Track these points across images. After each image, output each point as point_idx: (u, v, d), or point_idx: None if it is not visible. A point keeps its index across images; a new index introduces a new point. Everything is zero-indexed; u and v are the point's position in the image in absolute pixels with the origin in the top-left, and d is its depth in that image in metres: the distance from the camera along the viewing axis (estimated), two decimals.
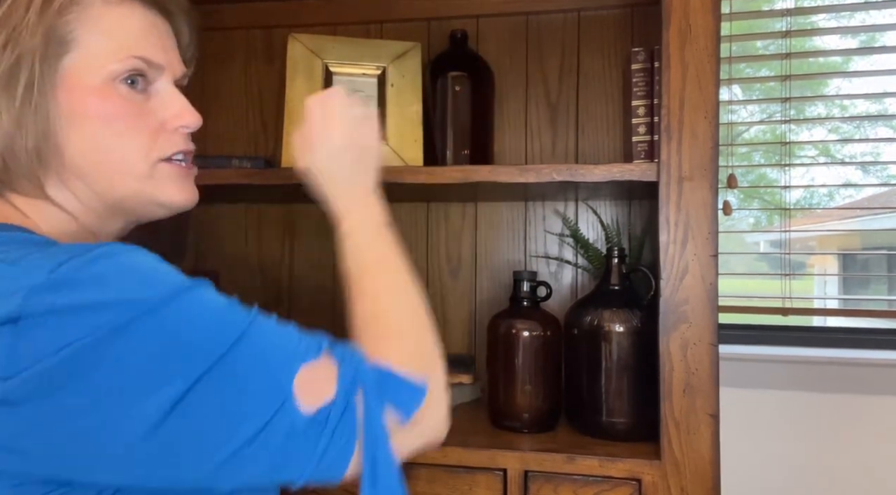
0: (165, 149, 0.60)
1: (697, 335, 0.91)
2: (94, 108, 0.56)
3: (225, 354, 0.48)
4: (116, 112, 0.57)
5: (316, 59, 1.25)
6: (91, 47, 0.56)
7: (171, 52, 0.62)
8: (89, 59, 0.56)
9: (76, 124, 0.55)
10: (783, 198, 1.52)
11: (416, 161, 1.22)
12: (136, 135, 0.58)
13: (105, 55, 0.56)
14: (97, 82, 0.56)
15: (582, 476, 0.95)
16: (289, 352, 0.51)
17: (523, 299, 1.10)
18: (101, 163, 0.57)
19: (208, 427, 0.46)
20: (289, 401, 0.49)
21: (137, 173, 0.58)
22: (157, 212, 0.63)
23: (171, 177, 0.61)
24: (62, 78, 0.55)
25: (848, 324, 1.59)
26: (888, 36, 1.60)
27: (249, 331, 0.50)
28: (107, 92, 0.56)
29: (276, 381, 0.49)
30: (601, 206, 1.31)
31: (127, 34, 0.57)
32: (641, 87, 1.08)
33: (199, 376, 0.46)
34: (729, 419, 1.40)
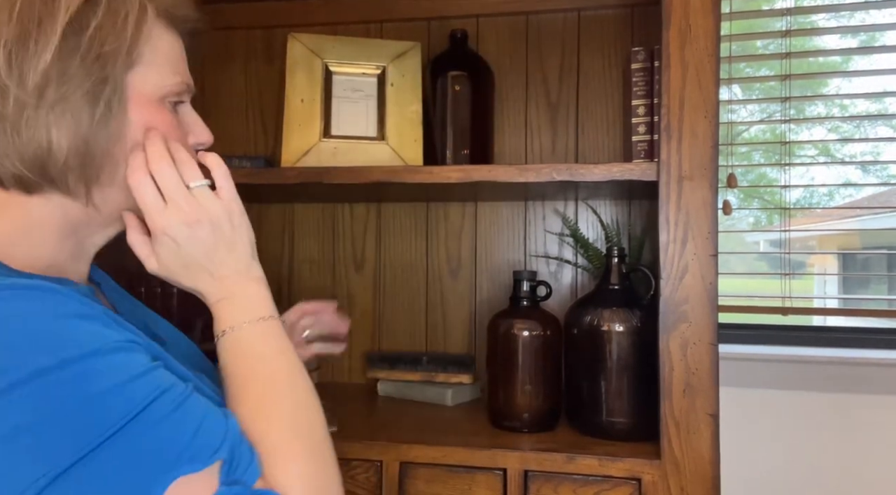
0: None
1: (697, 335, 0.91)
2: (151, 122, 0.59)
3: (97, 448, 0.45)
4: (167, 127, 0.60)
5: (316, 59, 1.25)
6: (154, 67, 0.59)
7: (189, 77, 0.66)
8: (152, 78, 0.59)
9: (131, 137, 0.58)
10: (783, 197, 1.52)
11: (416, 161, 1.22)
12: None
13: (164, 75, 0.60)
14: (155, 99, 0.59)
15: (582, 475, 0.95)
16: (172, 456, 0.47)
17: (523, 299, 1.10)
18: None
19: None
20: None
21: None
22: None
23: None
24: (129, 92, 0.57)
25: (848, 323, 1.59)
26: (888, 35, 1.60)
27: (138, 419, 0.46)
28: (160, 108, 0.60)
29: (144, 489, 0.45)
30: (601, 206, 1.32)
31: (175, 58, 0.61)
32: (641, 86, 1.08)
33: (65, 468, 0.43)
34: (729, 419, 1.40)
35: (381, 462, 1.00)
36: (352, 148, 1.22)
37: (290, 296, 1.44)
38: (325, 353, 0.92)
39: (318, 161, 1.19)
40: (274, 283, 1.45)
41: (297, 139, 1.21)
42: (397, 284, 1.40)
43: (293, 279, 1.44)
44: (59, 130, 0.54)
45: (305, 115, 1.22)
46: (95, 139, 0.55)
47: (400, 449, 0.98)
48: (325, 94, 1.24)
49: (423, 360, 1.27)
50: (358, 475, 1.01)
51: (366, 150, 1.22)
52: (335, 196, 1.30)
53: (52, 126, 0.53)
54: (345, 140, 1.22)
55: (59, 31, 0.53)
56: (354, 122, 1.24)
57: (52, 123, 0.53)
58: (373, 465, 1.00)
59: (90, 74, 0.54)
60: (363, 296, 1.41)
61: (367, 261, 1.42)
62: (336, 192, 1.22)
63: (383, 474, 1.00)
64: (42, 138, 0.53)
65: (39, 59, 0.52)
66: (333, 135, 1.23)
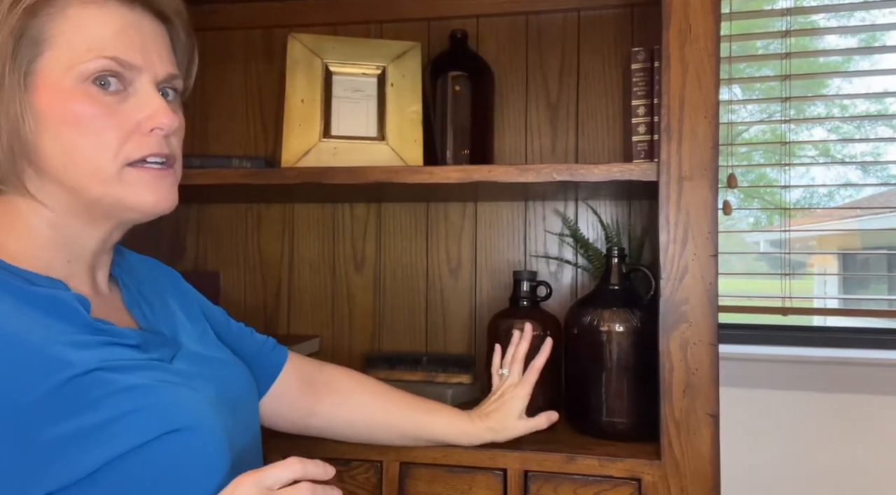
0: (135, 151, 0.58)
1: (697, 335, 0.91)
2: (60, 109, 0.55)
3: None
4: (84, 113, 0.56)
5: (316, 59, 1.25)
6: (62, 48, 0.55)
7: (155, 54, 0.60)
8: (60, 61, 0.55)
9: (46, 124, 0.55)
10: (783, 197, 1.52)
11: (416, 161, 1.22)
12: (102, 137, 0.57)
13: (75, 56, 0.56)
14: (67, 84, 0.56)
15: (582, 476, 0.95)
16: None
17: (523, 299, 1.10)
18: (70, 164, 0.56)
19: None
20: None
21: (103, 176, 0.57)
22: (130, 215, 0.61)
23: (141, 181, 0.59)
24: (34, 79, 0.55)
25: (848, 323, 1.59)
26: (888, 36, 1.60)
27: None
28: (76, 93, 0.56)
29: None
30: (601, 206, 1.31)
31: (98, 34, 0.56)
32: (641, 86, 1.08)
33: None
34: (729, 419, 1.40)
35: (381, 462, 1.00)
36: (352, 148, 1.22)
37: (290, 296, 1.44)
38: None
39: (318, 161, 1.19)
40: (274, 283, 1.45)
41: (297, 139, 1.21)
42: (397, 284, 1.40)
43: (293, 279, 1.44)
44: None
45: (305, 115, 1.22)
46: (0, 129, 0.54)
47: (400, 449, 0.98)
48: (325, 94, 1.24)
49: (423, 360, 1.27)
50: (358, 475, 1.01)
51: (366, 151, 1.22)
52: (335, 196, 1.30)
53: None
54: (345, 140, 1.22)
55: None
56: (354, 123, 1.24)
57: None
58: (373, 465, 1.00)
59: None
60: (363, 296, 1.41)
61: (367, 261, 1.42)
62: (336, 192, 1.22)
63: (383, 474, 1.00)
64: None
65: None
66: (333, 135, 1.23)
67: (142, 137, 0.59)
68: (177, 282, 0.82)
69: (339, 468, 1.02)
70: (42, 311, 0.52)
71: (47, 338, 0.50)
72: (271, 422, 0.87)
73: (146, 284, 0.74)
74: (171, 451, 0.54)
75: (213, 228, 1.47)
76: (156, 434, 0.53)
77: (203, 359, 0.69)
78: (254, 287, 1.45)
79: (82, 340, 0.53)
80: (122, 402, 0.52)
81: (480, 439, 0.92)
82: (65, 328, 0.53)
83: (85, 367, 0.51)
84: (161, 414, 0.54)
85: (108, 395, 0.52)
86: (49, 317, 0.52)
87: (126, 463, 0.51)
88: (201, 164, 1.14)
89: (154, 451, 0.53)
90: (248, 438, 0.71)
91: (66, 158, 0.56)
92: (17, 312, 0.50)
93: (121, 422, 0.51)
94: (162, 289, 0.76)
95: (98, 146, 0.57)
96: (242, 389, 0.74)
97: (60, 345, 0.51)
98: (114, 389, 0.52)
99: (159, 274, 0.80)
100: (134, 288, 0.71)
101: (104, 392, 0.51)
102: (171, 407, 0.56)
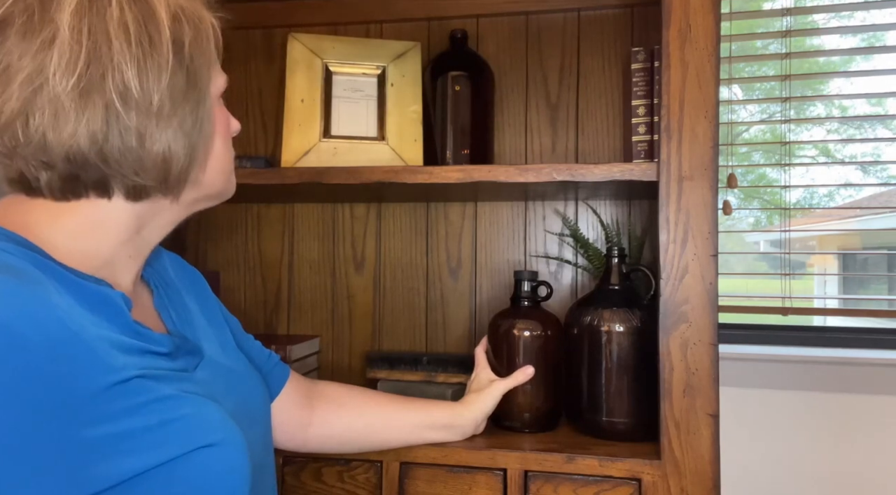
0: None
1: (697, 335, 0.91)
2: (222, 120, 0.66)
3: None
4: (226, 120, 0.68)
5: (316, 59, 1.25)
6: (215, 68, 0.65)
7: None
8: (217, 80, 0.65)
9: (216, 135, 0.65)
10: (783, 197, 1.52)
11: (416, 161, 1.22)
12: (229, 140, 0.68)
13: (218, 75, 0.66)
14: (218, 97, 0.66)
15: (582, 476, 0.95)
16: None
17: (524, 299, 1.10)
18: (223, 166, 0.67)
19: None
20: None
21: (230, 170, 0.69)
22: (212, 203, 0.70)
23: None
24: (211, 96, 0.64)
25: (848, 323, 1.59)
26: (888, 36, 1.60)
27: None
28: (222, 105, 0.67)
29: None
30: (601, 206, 1.32)
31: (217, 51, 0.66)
32: (641, 86, 1.08)
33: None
34: (729, 419, 1.40)
35: (381, 462, 1.00)
36: (352, 148, 1.22)
37: (291, 296, 1.44)
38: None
39: (318, 161, 1.19)
40: (274, 283, 1.46)
41: (297, 139, 1.21)
42: (397, 284, 1.40)
43: (293, 279, 1.44)
44: (175, 141, 0.59)
45: (305, 115, 1.22)
46: (198, 143, 0.62)
47: (400, 449, 0.98)
48: (325, 94, 1.24)
49: (423, 360, 1.27)
50: (358, 475, 1.01)
51: (366, 151, 1.22)
52: (335, 196, 1.30)
53: (170, 138, 0.59)
54: (345, 140, 1.22)
55: (167, 50, 0.57)
56: (354, 122, 1.24)
57: (170, 136, 0.59)
58: (373, 465, 1.00)
59: (191, 88, 0.60)
60: (363, 296, 1.41)
61: (367, 261, 1.42)
62: (336, 192, 1.22)
63: (383, 474, 1.00)
64: (163, 149, 0.58)
65: (160, 78, 0.57)
66: (333, 135, 1.23)
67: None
68: (199, 284, 0.82)
69: (339, 468, 1.02)
70: (89, 308, 0.53)
71: (98, 336, 0.51)
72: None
73: (172, 284, 0.75)
74: (202, 466, 0.54)
75: (213, 228, 1.47)
76: (191, 447, 0.54)
77: (223, 369, 0.70)
78: (254, 287, 1.45)
79: (124, 343, 0.53)
80: (159, 412, 0.53)
81: (471, 410, 0.97)
82: (108, 327, 0.53)
83: (128, 373, 0.51)
84: (196, 427, 0.55)
85: (147, 404, 0.52)
86: (94, 314, 0.53)
87: (158, 474, 0.51)
88: None
89: (186, 465, 0.53)
90: (264, 455, 0.71)
91: (223, 162, 0.66)
92: (72, 309, 0.50)
93: (157, 432, 0.52)
94: (185, 289, 0.77)
95: (230, 147, 0.68)
96: (258, 403, 0.75)
97: (107, 346, 0.51)
98: (151, 398, 0.53)
99: (184, 274, 0.81)
100: (162, 288, 0.72)
101: (143, 400, 0.52)
102: (205, 421, 0.56)
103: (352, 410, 0.91)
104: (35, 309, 0.46)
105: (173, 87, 0.58)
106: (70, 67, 0.53)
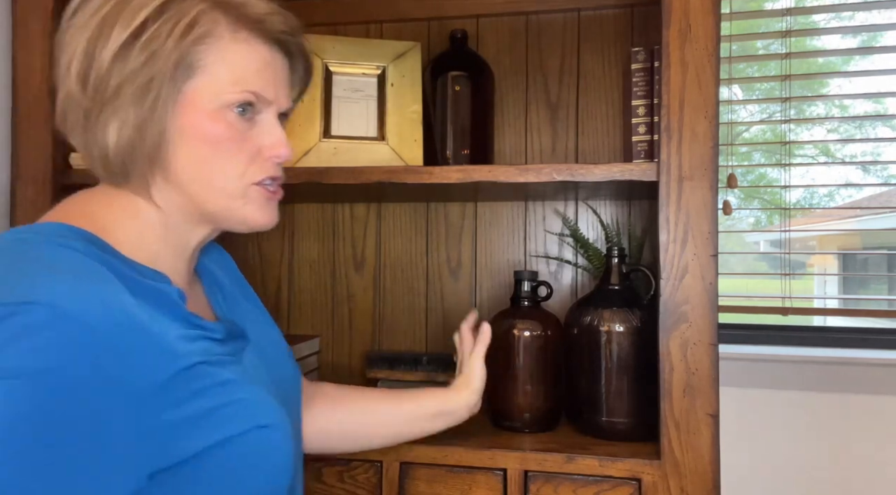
0: (258, 174, 0.66)
1: (697, 335, 0.91)
2: (203, 128, 0.62)
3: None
4: (222, 135, 0.63)
5: (316, 59, 1.25)
6: (213, 76, 0.62)
7: (282, 89, 0.67)
8: (210, 86, 0.62)
9: (186, 140, 0.62)
10: (783, 197, 1.52)
11: (416, 161, 1.22)
12: (234, 157, 0.64)
13: (224, 85, 0.62)
14: (211, 107, 0.62)
15: (582, 476, 0.95)
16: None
17: (524, 299, 1.10)
18: (200, 177, 0.63)
19: None
20: None
21: (230, 192, 0.64)
22: (238, 227, 0.68)
23: (258, 200, 0.66)
24: (183, 98, 0.61)
25: (848, 323, 1.59)
26: (888, 36, 1.60)
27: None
28: (218, 116, 0.62)
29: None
30: (601, 206, 1.31)
31: (246, 69, 0.63)
32: (641, 86, 1.08)
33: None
34: (729, 419, 1.40)
35: (381, 462, 1.00)
36: (352, 148, 1.22)
37: (291, 296, 1.44)
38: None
39: (318, 161, 1.19)
40: (274, 283, 1.45)
41: (297, 139, 1.20)
42: (397, 284, 1.40)
43: (293, 279, 1.44)
44: (112, 128, 0.60)
45: (305, 115, 1.22)
46: (140, 139, 0.60)
47: (400, 449, 0.98)
48: (325, 94, 1.23)
49: (423, 360, 1.27)
50: (358, 475, 1.01)
51: (366, 151, 1.22)
52: (335, 196, 1.30)
53: (108, 124, 0.60)
54: (345, 140, 1.22)
55: (125, 36, 0.58)
56: (354, 123, 1.23)
57: (108, 121, 0.60)
58: (373, 465, 1.01)
59: (138, 75, 0.59)
60: (363, 296, 1.41)
61: (367, 261, 1.42)
62: (336, 192, 1.22)
63: (383, 474, 1.00)
64: (103, 136, 0.60)
65: (102, 60, 0.59)
66: (333, 135, 1.22)
67: (262, 162, 0.66)
68: (228, 262, 0.85)
69: (340, 468, 1.02)
70: (150, 303, 0.56)
71: (161, 330, 0.55)
72: None
73: (217, 270, 0.79)
74: (255, 445, 0.59)
75: None
76: (247, 427, 0.59)
77: (264, 353, 0.73)
78: (254, 287, 1.44)
79: (184, 334, 0.58)
80: (220, 394, 0.58)
81: (459, 392, 0.91)
82: (168, 321, 0.57)
83: (190, 360, 0.56)
84: (253, 408, 0.60)
85: (210, 387, 0.57)
86: (155, 309, 0.56)
87: (220, 450, 0.57)
88: None
89: (242, 443, 0.58)
90: (298, 436, 0.76)
91: (199, 171, 0.63)
92: (138, 305, 0.55)
93: (220, 413, 0.57)
94: (221, 271, 0.80)
95: (230, 164, 0.64)
96: (293, 385, 0.78)
97: (170, 337, 0.56)
98: (213, 382, 0.58)
99: (224, 259, 0.84)
100: (209, 275, 0.76)
101: (206, 384, 0.57)
102: (259, 405, 0.61)
103: (343, 407, 0.90)
104: (108, 306, 0.52)
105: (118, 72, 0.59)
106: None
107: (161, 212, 0.65)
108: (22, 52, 1.11)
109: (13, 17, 1.11)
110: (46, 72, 1.09)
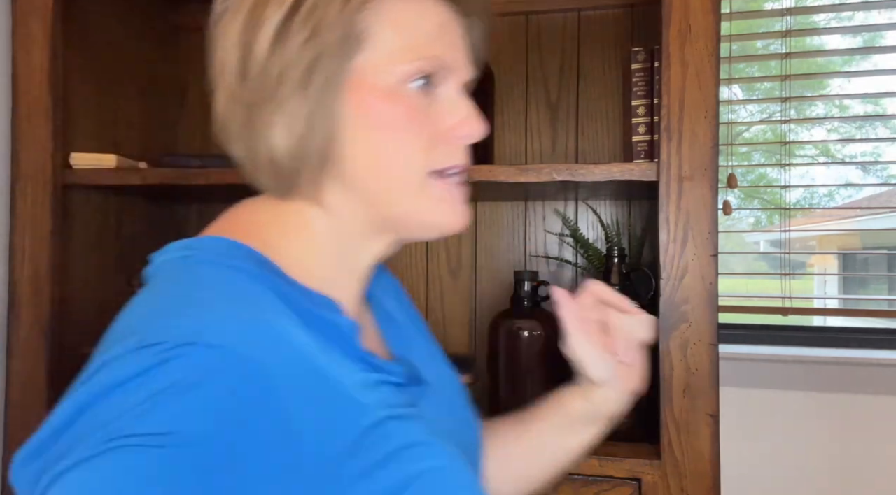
0: (441, 160, 0.53)
1: (697, 335, 0.91)
2: (379, 111, 0.50)
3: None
4: (402, 117, 0.51)
5: None
6: (383, 45, 0.50)
7: (462, 54, 0.54)
8: (380, 58, 0.50)
9: (359, 128, 0.50)
10: (783, 197, 1.52)
11: None
12: (414, 142, 0.51)
13: (396, 55, 0.50)
14: (386, 83, 0.50)
15: (582, 476, 0.95)
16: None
17: (524, 299, 1.10)
18: (376, 171, 0.51)
19: None
20: None
21: (409, 184, 0.52)
22: (421, 234, 0.56)
23: (444, 197, 0.54)
24: (351, 77, 0.50)
25: (848, 323, 1.59)
26: (888, 36, 1.60)
27: None
28: (395, 95, 0.50)
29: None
30: (601, 206, 1.31)
31: (420, 32, 0.51)
32: (641, 86, 1.08)
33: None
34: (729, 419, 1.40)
35: None
36: None
37: None
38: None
39: None
40: None
41: None
42: None
43: None
44: (280, 125, 0.49)
45: None
46: (311, 132, 0.49)
47: None
48: None
49: None
50: None
51: None
52: None
53: (274, 120, 0.49)
54: None
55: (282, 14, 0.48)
56: None
57: (273, 117, 0.49)
58: None
59: (302, 56, 0.48)
60: None
61: None
62: None
63: None
64: (270, 135, 0.50)
65: (260, 46, 0.48)
66: None
67: (446, 146, 0.54)
68: (399, 291, 0.71)
69: None
70: (323, 337, 0.46)
71: (340, 373, 0.45)
72: None
73: (383, 296, 0.66)
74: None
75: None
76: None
77: (444, 400, 0.61)
78: None
79: (363, 378, 0.47)
80: (413, 461, 0.45)
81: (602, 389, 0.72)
82: (343, 360, 0.47)
83: (376, 415, 0.45)
84: (451, 479, 0.47)
85: (398, 451, 0.45)
86: (328, 343, 0.46)
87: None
88: (202, 164, 1.13)
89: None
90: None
91: (373, 164, 0.51)
92: (310, 341, 0.45)
93: (417, 486, 0.44)
94: (393, 299, 0.68)
95: (408, 152, 0.51)
96: (475, 438, 0.64)
97: (351, 382, 0.45)
98: (401, 445, 0.45)
99: (391, 283, 0.70)
100: (377, 303, 0.63)
101: (394, 446, 0.45)
102: (458, 473, 0.48)
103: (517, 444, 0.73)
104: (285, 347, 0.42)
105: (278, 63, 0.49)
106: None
107: (334, 222, 0.53)
108: (22, 52, 1.11)
109: (13, 17, 1.11)
110: (46, 71, 1.09)
